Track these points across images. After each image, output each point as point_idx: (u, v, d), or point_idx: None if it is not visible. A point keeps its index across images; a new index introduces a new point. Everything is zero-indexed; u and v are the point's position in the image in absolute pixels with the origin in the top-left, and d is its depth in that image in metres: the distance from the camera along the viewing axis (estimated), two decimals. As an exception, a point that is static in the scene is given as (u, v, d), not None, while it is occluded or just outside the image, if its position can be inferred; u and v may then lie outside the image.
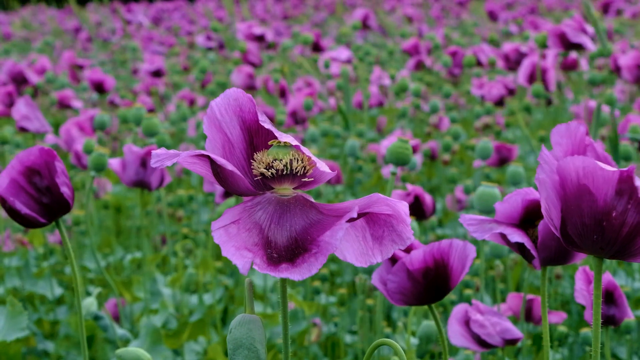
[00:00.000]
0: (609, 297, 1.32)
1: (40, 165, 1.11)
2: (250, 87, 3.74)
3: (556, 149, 0.82)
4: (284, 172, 0.81)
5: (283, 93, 3.80)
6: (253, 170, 0.82)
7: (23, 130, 2.60)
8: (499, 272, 1.94)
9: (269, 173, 0.81)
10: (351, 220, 0.78)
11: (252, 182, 0.82)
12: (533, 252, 0.96)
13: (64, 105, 3.59)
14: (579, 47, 2.89)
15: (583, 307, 1.96)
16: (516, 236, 0.94)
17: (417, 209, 2.05)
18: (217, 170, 0.81)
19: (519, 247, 0.98)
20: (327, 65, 3.82)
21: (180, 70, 5.10)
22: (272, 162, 0.81)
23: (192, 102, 3.98)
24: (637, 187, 0.77)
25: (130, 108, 2.08)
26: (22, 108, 2.57)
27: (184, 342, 2.08)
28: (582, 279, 1.30)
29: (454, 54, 3.93)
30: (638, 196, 0.77)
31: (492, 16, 6.65)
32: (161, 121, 3.88)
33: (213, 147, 0.82)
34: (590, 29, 3.04)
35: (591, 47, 2.89)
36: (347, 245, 0.82)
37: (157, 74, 4.43)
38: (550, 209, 0.80)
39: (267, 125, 0.80)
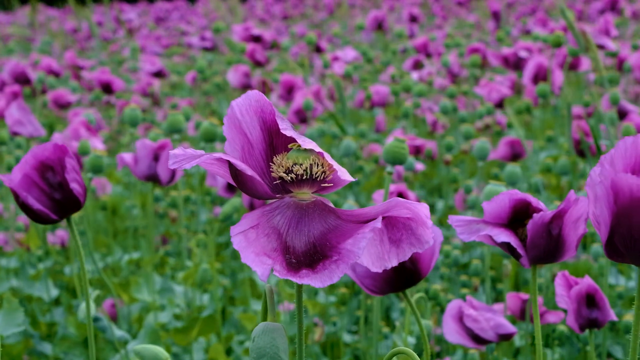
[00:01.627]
0: (590, 300, 1.32)
1: (54, 161, 1.10)
2: (246, 86, 3.73)
3: (617, 162, 0.80)
4: (304, 177, 0.80)
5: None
6: (272, 174, 0.81)
7: (16, 135, 2.59)
8: (506, 271, 1.94)
9: (289, 177, 0.80)
10: (374, 230, 0.77)
11: (271, 185, 0.82)
12: (520, 250, 0.96)
13: (59, 104, 3.58)
14: (599, 47, 2.89)
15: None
16: (503, 236, 0.95)
17: None
18: (236, 173, 0.81)
19: (507, 247, 0.98)
20: (326, 65, 3.81)
21: (181, 70, 5.10)
22: (292, 166, 0.80)
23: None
24: None
25: (126, 108, 2.08)
26: (14, 112, 2.55)
27: (193, 340, 2.07)
28: (562, 284, 1.30)
29: (474, 51, 3.91)
30: None
31: (496, 16, 6.64)
32: (160, 121, 3.88)
33: (232, 148, 0.82)
34: (614, 30, 3.04)
35: (613, 47, 2.89)
36: (366, 249, 0.81)
37: (158, 74, 4.43)
38: (600, 221, 0.79)
39: (289, 132, 0.80)
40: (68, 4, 9.95)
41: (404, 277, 1.12)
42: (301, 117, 3.25)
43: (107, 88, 3.85)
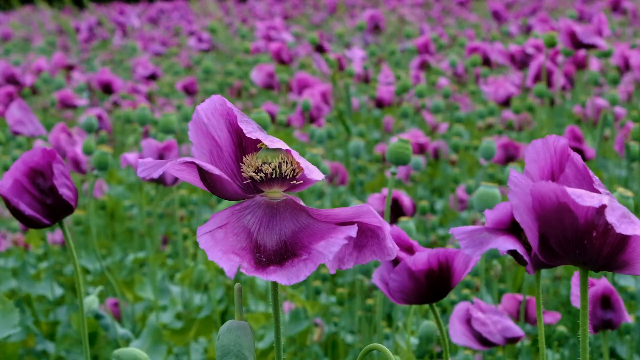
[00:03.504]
0: (606, 301, 1.32)
1: (44, 166, 1.11)
2: (269, 86, 3.72)
3: (531, 166, 0.79)
4: (273, 176, 0.80)
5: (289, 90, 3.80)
6: (242, 174, 0.81)
7: (17, 134, 2.59)
8: (496, 272, 1.94)
9: (258, 177, 0.80)
10: (349, 238, 0.77)
11: (241, 186, 0.81)
12: (526, 258, 0.96)
13: (66, 105, 3.58)
14: (590, 47, 2.89)
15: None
16: (509, 244, 0.95)
17: (397, 211, 2.05)
18: (205, 176, 0.81)
19: (512, 253, 0.98)
20: (332, 66, 3.81)
21: (180, 70, 5.10)
22: (261, 165, 0.80)
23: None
24: (610, 223, 0.75)
25: (133, 108, 2.08)
26: (15, 112, 2.55)
27: (191, 340, 2.07)
28: (577, 284, 1.30)
29: (473, 50, 3.90)
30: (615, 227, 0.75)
31: (496, 16, 6.65)
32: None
33: (200, 153, 0.81)
34: (607, 30, 3.04)
35: (604, 46, 2.89)
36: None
37: (152, 77, 4.44)
38: (526, 229, 0.79)
39: (255, 134, 0.79)
40: (65, 4, 9.95)
41: (435, 292, 1.13)
42: (309, 117, 3.25)
43: (107, 88, 3.86)
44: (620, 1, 5.14)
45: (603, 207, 0.75)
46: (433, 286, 1.12)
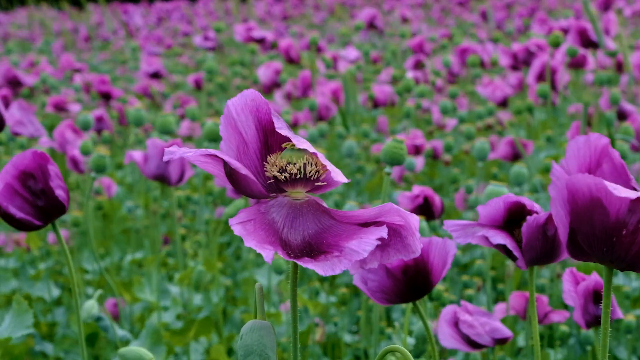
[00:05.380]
0: (597, 297, 1.31)
1: (34, 168, 1.11)
2: (276, 84, 3.71)
3: (571, 161, 0.79)
4: (297, 176, 0.80)
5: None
6: (266, 173, 0.82)
7: (17, 135, 2.59)
8: (509, 272, 1.93)
9: (282, 177, 0.80)
10: (381, 239, 0.78)
11: (265, 184, 0.82)
12: (516, 253, 0.96)
13: (60, 108, 3.60)
14: (597, 45, 2.88)
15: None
16: (498, 238, 0.94)
17: (427, 210, 2.05)
18: (230, 172, 0.81)
19: (504, 249, 0.98)
20: (329, 65, 3.80)
21: (183, 69, 5.10)
22: (286, 165, 0.80)
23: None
24: None
25: (130, 108, 2.09)
26: (15, 113, 2.55)
27: (190, 341, 2.08)
28: (569, 280, 1.30)
29: (464, 52, 3.90)
30: None
31: (485, 17, 6.66)
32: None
33: (228, 147, 0.82)
34: (614, 29, 3.03)
35: (612, 45, 2.88)
36: None
37: (155, 75, 4.44)
38: (559, 222, 0.79)
39: (284, 131, 0.80)
40: (67, 4, 9.95)
41: (415, 289, 1.12)
42: (317, 117, 3.25)
43: (107, 96, 3.89)
44: (611, 1, 5.13)
45: (637, 202, 0.75)
46: (412, 282, 1.11)
